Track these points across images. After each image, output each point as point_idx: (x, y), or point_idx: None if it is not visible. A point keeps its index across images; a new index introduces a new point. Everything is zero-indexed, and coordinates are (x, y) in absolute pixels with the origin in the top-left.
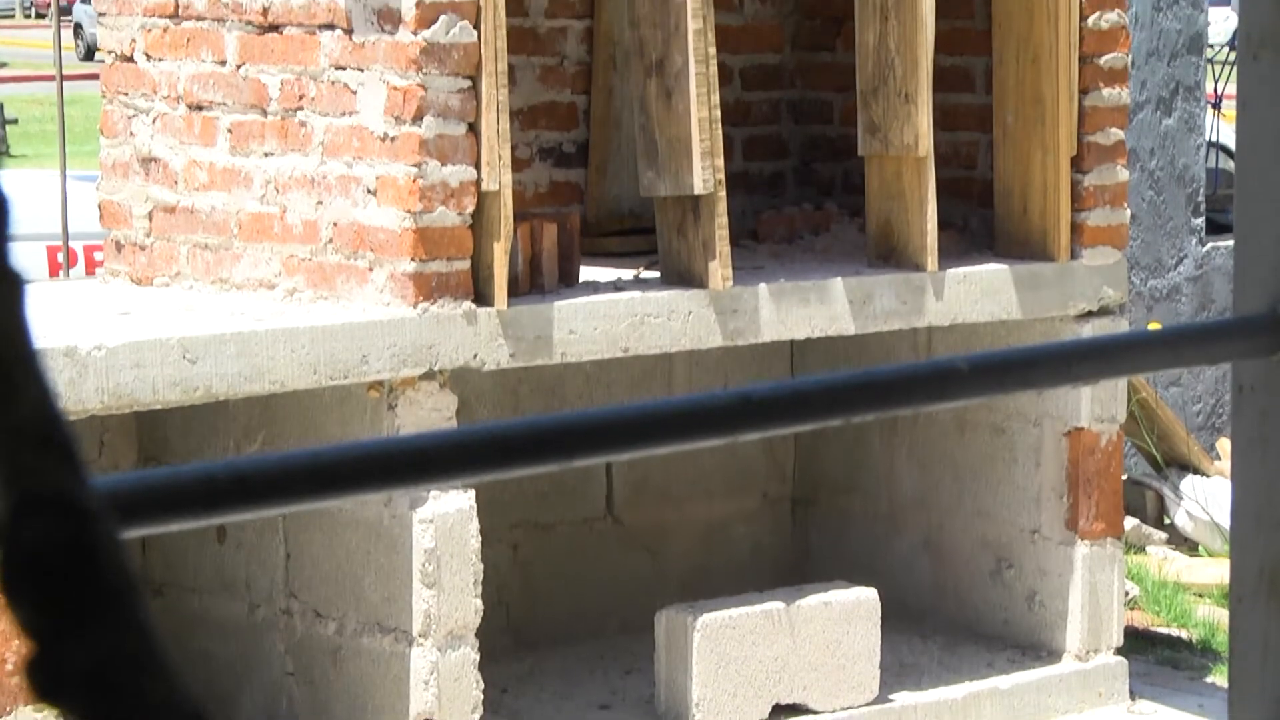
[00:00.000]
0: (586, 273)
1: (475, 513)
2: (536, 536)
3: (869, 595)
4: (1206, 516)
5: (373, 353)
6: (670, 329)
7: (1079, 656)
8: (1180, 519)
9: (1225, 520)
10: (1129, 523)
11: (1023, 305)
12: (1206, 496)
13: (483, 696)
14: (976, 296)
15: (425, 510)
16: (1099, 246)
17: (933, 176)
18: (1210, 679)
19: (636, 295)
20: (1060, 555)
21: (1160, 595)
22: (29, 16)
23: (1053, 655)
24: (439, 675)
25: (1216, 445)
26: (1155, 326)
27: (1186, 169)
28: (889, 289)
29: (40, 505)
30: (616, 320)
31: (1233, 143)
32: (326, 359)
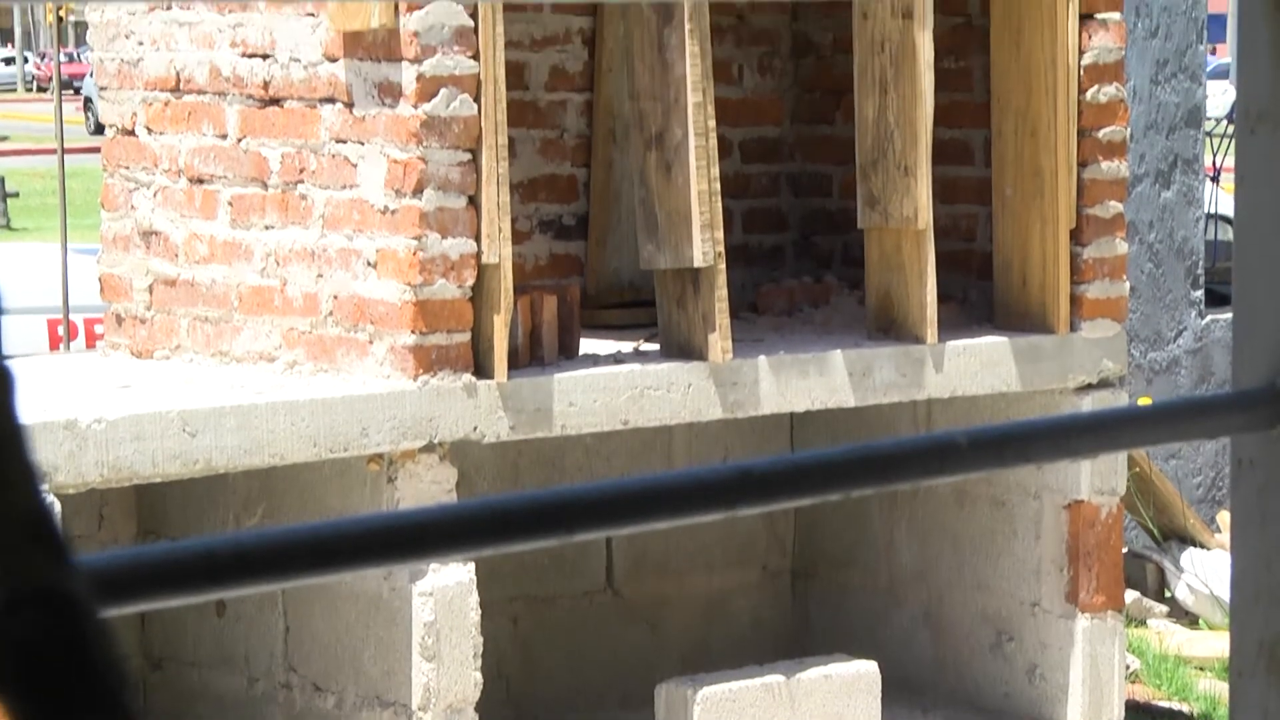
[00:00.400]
0: (586, 345)
1: (475, 586)
2: (536, 609)
3: (869, 668)
4: (1207, 590)
5: (373, 425)
6: (670, 401)
7: None
8: (1181, 592)
9: (1226, 594)
10: (1130, 596)
11: (1022, 378)
12: (1207, 570)
13: None
14: (976, 369)
15: (425, 583)
16: (1098, 319)
17: (932, 249)
18: None
19: (636, 368)
20: (1061, 628)
21: (1161, 669)
22: (31, 90)
23: None
24: None
25: (1217, 518)
26: (1145, 401)
27: (1185, 242)
28: (889, 361)
29: (30, 599)
30: (616, 392)
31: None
32: (326, 432)
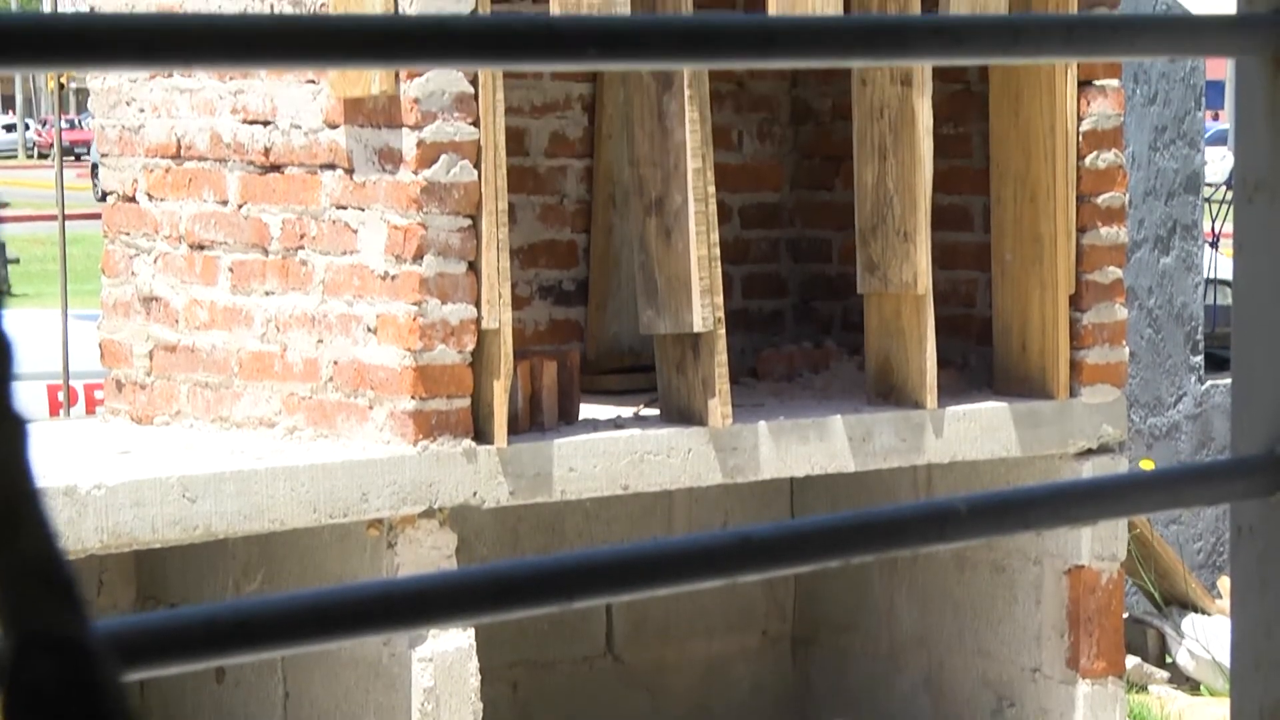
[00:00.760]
0: (586, 410)
1: (474, 651)
2: (536, 675)
3: None
4: (1208, 656)
5: (372, 491)
6: (670, 466)
7: None
8: (1182, 658)
9: (1227, 659)
10: (1130, 661)
11: (1022, 443)
12: (1208, 635)
13: None
14: (976, 434)
15: (424, 649)
16: (1098, 384)
17: (932, 314)
18: None
19: (636, 433)
20: (1062, 694)
21: None
22: (32, 156)
23: None
24: None
25: (1218, 584)
26: (1148, 465)
27: (1185, 307)
28: (888, 427)
29: (42, 645)
30: (616, 458)
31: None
32: (326, 497)
